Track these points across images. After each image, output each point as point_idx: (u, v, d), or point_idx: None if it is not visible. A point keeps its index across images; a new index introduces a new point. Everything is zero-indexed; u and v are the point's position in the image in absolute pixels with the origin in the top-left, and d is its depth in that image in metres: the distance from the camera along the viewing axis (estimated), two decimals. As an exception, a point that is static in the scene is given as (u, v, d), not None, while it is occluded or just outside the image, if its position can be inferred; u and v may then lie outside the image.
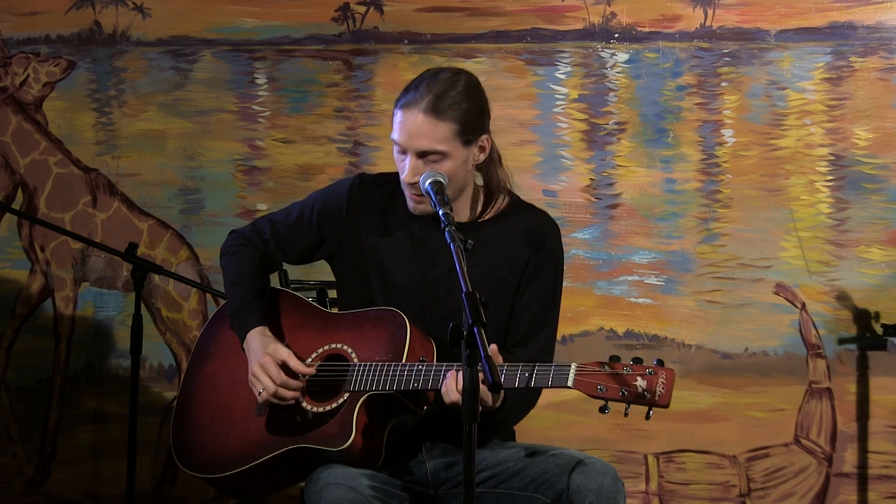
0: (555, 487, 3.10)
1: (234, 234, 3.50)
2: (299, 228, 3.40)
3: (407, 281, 3.28)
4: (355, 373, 3.16)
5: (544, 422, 4.66)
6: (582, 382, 2.96)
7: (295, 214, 3.42)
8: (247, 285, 3.38)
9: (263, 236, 3.44)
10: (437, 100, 3.17)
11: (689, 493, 4.70)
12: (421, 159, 3.18)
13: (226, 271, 3.44)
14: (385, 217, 3.33)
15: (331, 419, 3.15)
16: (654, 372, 2.92)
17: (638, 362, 2.93)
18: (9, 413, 5.04)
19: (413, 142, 3.18)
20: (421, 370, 3.09)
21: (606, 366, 2.94)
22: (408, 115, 3.18)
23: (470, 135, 3.22)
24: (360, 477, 3.10)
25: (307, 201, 3.43)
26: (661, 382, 2.91)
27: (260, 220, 3.49)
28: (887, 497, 4.59)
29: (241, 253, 3.43)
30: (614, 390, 2.93)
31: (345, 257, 3.36)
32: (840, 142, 4.64)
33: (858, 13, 4.63)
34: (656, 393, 2.91)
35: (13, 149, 5.04)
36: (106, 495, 4.97)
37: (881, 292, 4.61)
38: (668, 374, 2.92)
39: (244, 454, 3.22)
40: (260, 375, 3.21)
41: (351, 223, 3.34)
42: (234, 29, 4.96)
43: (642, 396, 2.91)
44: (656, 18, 4.75)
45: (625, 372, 2.93)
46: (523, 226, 3.32)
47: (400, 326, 3.17)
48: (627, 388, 2.92)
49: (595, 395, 2.95)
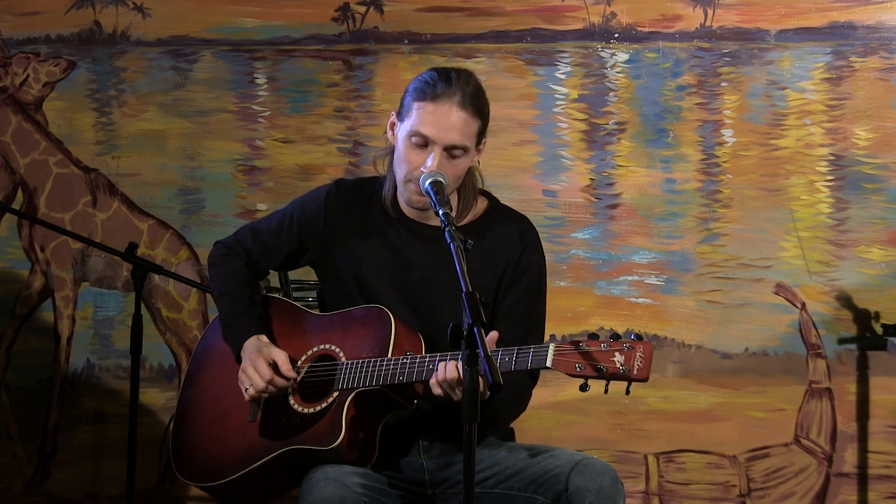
0: (554, 488, 3.10)
1: (218, 245, 3.50)
2: (280, 237, 3.40)
3: (384, 287, 3.27)
4: (343, 371, 3.17)
5: (544, 422, 4.66)
6: (560, 362, 2.95)
7: (275, 223, 3.42)
8: (236, 295, 3.38)
9: (246, 245, 3.44)
10: (473, 97, 3.17)
11: (689, 493, 4.70)
12: (446, 153, 3.17)
13: (214, 283, 3.45)
14: (362, 223, 3.32)
15: (321, 419, 3.15)
16: (632, 346, 2.91)
17: (615, 338, 2.93)
18: (9, 413, 5.03)
19: (446, 135, 3.15)
20: (406, 363, 3.09)
21: (584, 343, 2.94)
22: (442, 107, 3.15)
23: (483, 136, 3.24)
24: (352, 475, 3.10)
25: (287, 210, 3.42)
26: (640, 356, 2.90)
27: (242, 230, 3.49)
28: (887, 497, 4.59)
29: (226, 263, 3.43)
30: (592, 367, 2.92)
31: (325, 264, 3.36)
32: (840, 142, 4.64)
33: (858, 13, 4.63)
34: (634, 367, 2.90)
35: (13, 149, 5.04)
36: (106, 495, 4.97)
37: (881, 292, 4.61)
38: (646, 347, 2.91)
39: (239, 460, 3.23)
40: (249, 372, 3.22)
41: (329, 230, 3.34)
42: (234, 29, 4.96)
43: (620, 372, 2.91)
44: (656, 18, 4.75)
45: (602, 349, 2.92)
46: (504, 229, 3.31)
47: (385, 322, 3.17)
48: (605, 364, 2.91)
49: (574, 373, 2.94)
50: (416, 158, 3.18)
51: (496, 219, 3.33)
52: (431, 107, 3.16)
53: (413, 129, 3.17)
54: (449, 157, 3.17)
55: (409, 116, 3.19)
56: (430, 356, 3.08)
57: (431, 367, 3.06)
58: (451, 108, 3.15)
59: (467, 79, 3.20)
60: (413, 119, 3.18)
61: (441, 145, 3.15)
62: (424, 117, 3.16)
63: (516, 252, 3.28)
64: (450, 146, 3.16)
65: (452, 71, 3.21)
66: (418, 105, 3.18)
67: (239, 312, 3.34)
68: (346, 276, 3.31)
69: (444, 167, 3.15)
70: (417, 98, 3.19)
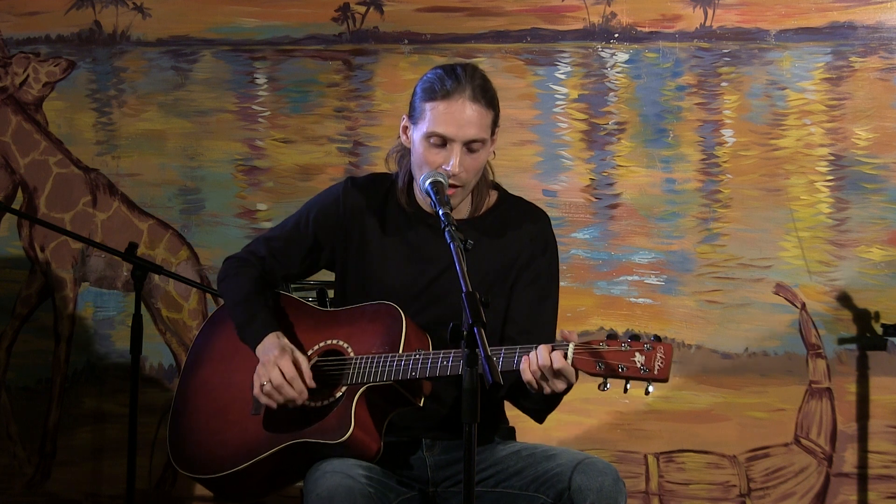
0: (556, 487, 3.10)
1: (230, 259, 3.44)
2: (296, 240, 3.38)
3: (403, 281, 3.27)
4: (352, 366, 3.16)
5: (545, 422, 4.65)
6: (581, 360, 2.95)
7: (290, 227, 3.40)
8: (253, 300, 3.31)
9: (259, 254, 3.40)
10: (483, 89, 3.17)
11: (689, 493, 4.70)
12: (465, 148, 3.17)
13: (227, 293, 3.38)
14: (380, 218, 3.32)
15: (329, 413, 3.14)
16: (652, 347, 2.91)
17: (635, 338, 2.93)
18: (9, 413, 5.04)
19: (464, 131, 3.15)
20: (418, 359, 3.09)
21: (604, 343, 2.94)
22: (455, 104, 3.15)
23: (496, 125, 3.24)
24: (357, 468, 3.10)
25: (301, 212, 3.40)
26: (660, 357, 2.90)
27: (254, 242, 3.45)
28: (887, 497, 4.59)
29: (239, 274, 3.38)
30: (613, 367, 2.92)
31: (344, 261, 3.35)
32: (840, 142, 4.64)
33: (858, 13, 4.64)
34: (655, 367, 2.90)
35: (13, 149, 5.04)
36: (106, 495, 4.97)
37: (881, 292, 4.61)
38: (667, 348, 2.91)
39: (243, 452, 3.21)
40: (270, 367, 3.16)
41: (348, 226, 3.33)
42: (234, 29, 4.96)
43: (641, 372, 2.91)
44: (656, 18, 4.75)
45: (623, 348, 2.92)
46: (516, 219, 3.32)
47: (395, 319, 3.17)
48: (626, 364, 2.91)
49: (594, 372, 2.94)
50: (435, 158, 3.17)
51: (508, 208, 3.35)
52: (444, 105, 3.15)
53: (429, 131, 3.17)
54: (468, 152, 3.17)
55: (423, 118, 3.18)
56: (445, 352, 3.08)
57: (446, 364, 3.06)
58: (463, 103, 3.15)
59: (473, 72, 3.20)
60: (427, 121, 3.17)
61: (460, 142, 3.15)
62: (439, 117, 3.16)
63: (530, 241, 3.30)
64: (469, 141, 3.16)
65: (457, 66, 3.21)
66: (431, 106, 3.17)
67: (256, 312, 3.29)
68: (366, 272, 3.30)
69: (465, 163, 3.16)
70: (428, 98, 3.18)
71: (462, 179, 3.18)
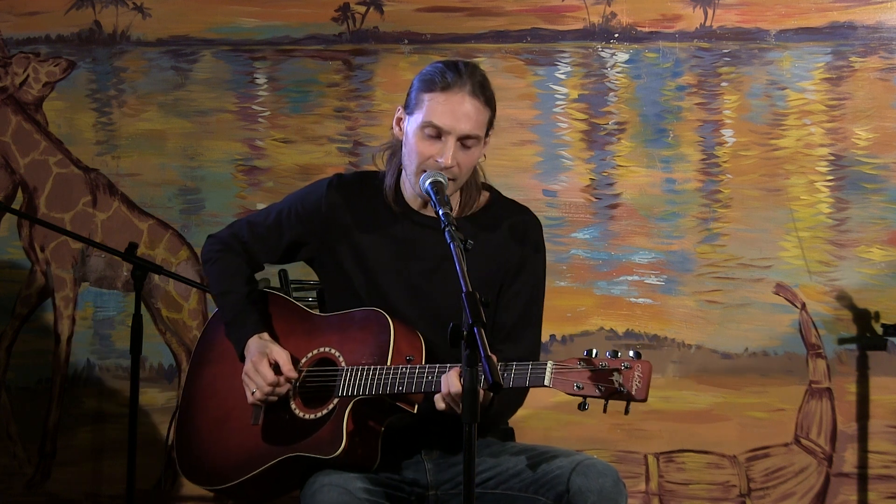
0: (556, 488, 3.09)
1: (212, 238, 3.46)
2: (278, 231, 3.37)
3: (392, 279, 3.26)
4: (343, 377, 3.15)
5: (544, 422, 4.66)
6: (559, 381, 2.93)
7: (273, 217, 3.39)
8: (237, 293, 3.35)
9: (242, 239, 3.41)
10: (482, 86, 3.16)
11: (689, 493, 4.70)
12: (459, 143, 3.16)
13: (212, 280, 3.42)
14: (366, 217, 3.30)
15: (322, 426, 3.14)
16: (630, 366, 2.88)
17: (614, 356, 2.90)
18: (9, 413, 5.03)
19: (460, 124, 3.14)
20: (405, 372, 3.08)
21: (582, 362, 2.91)
22: (454, 97, 3.13)
23: (491, 126, 3.23)
24: (355, 479, 3.09)
25: (285, 203, 3.40)
26: (637, 376, 2.88)
27: (238, 223, 3.46)
28: (887, 497, 4.59)
29: (223, 259, 3.40)
30: (591, 387, 2.89)
31: (327, 258, 3.34)
32: (840, 142, 4.64)
33: (858, 13, 4.63)
34: (633, 388, 2.88)
35: (13, 149, 5.04)
36: (106, 495, 4.97)
37: (881, 292, 4.61)
38: (645, 366, 2.89)
39: (243, 464, 3.23)
40: (252, 375, 3.21)
41: (330, 223, 3.32)
42: (234, 29, 4.96)
43: (619, 392, 2.88)
44: (656, 18, 4.75)
45: (601, 368, 2.89)
46: (507, 221, 3.30)
47: (384, 328, 3.15)
48: (604, 384, 2.89)
49: (573, 392, 2.92)
50: (428, 149, 3.15)
51: (499, 210, 3.33)
52: (443, 97, 3.14)
53: (425, 121, 3.15)
54: (462, 147, 3.16)
55: (420, 108, 3.17)
56: (430, 367, 3.07)
57: (431, 379, 3.05)
58: (463, 97, 3.14)
59: (474, 69, 3.19)
60: (425, 111, 3.16)
61: (455, 135, 3.14)
62: (437, 108, 3.14)
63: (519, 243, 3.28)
64: (464, 136, 3.14)
65: (459, 62, 3.20)
66: (429, 96, 3.16)
67: (240, 310, 3.33)
68: (352, 271, 3.29)
69: (458, 157, 3.14)
70: (427, 90, 3.17)
71: (454, 174, 3.16)
